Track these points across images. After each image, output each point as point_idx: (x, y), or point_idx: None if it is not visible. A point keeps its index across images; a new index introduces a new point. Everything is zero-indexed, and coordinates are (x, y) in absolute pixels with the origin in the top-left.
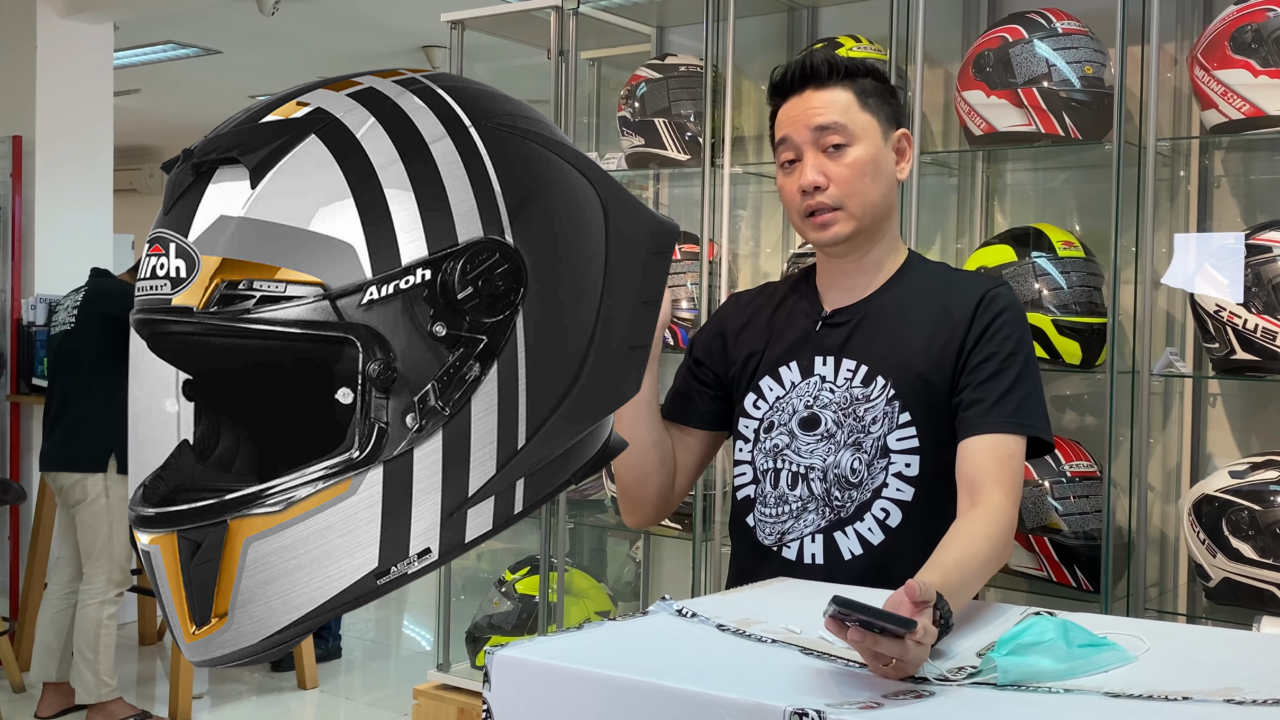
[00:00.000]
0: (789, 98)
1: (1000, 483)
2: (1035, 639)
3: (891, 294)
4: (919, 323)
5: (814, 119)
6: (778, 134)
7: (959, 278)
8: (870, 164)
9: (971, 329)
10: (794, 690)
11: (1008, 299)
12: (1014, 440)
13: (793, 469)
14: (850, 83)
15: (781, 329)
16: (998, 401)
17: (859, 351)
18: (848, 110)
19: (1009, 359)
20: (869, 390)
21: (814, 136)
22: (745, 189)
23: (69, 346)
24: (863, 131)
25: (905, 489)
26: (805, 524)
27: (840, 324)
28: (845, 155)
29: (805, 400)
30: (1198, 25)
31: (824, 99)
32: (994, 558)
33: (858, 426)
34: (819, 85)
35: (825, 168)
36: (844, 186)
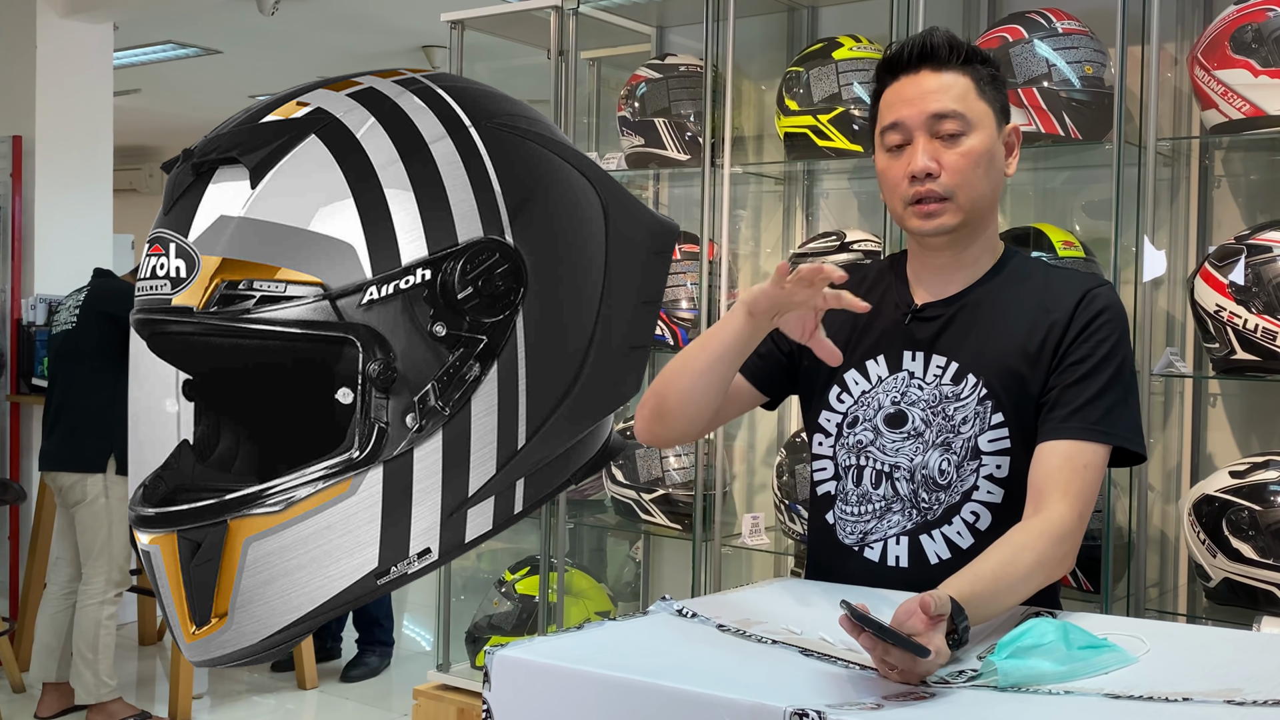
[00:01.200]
0: (900, 76)
1: (1068, 493)
2: (1035, 641)
3: (987, 289)
4: (1015, 320)
5: (931, 104)
6: (886, 115)
7: (1058, 275)
8: (985, 155)
9: (1070, 329)
10: (794, 690)
11: (1108, 299)
12: (1093, 449)
13: (877, 466)
14: (968, 68)
15: (868, 320)
16: (1083, 407)
17: (950, 348)
18: (965, 97)
19: (1102, 363)
20: (959, 389)
21: (929, 122)
22: (745, 189)
23: (70, 346)
24: (979, 120)
25: (995, 491)
26: (890, 525)
27: (931, 318)
28: (960, 144)
29: (892, 396)
30: (1198, 25)
31: (941, 82)
32: (1038, 572)
33: (947, 426)
34: (936, 67)
35: (939, 154)
36: (956, 176)
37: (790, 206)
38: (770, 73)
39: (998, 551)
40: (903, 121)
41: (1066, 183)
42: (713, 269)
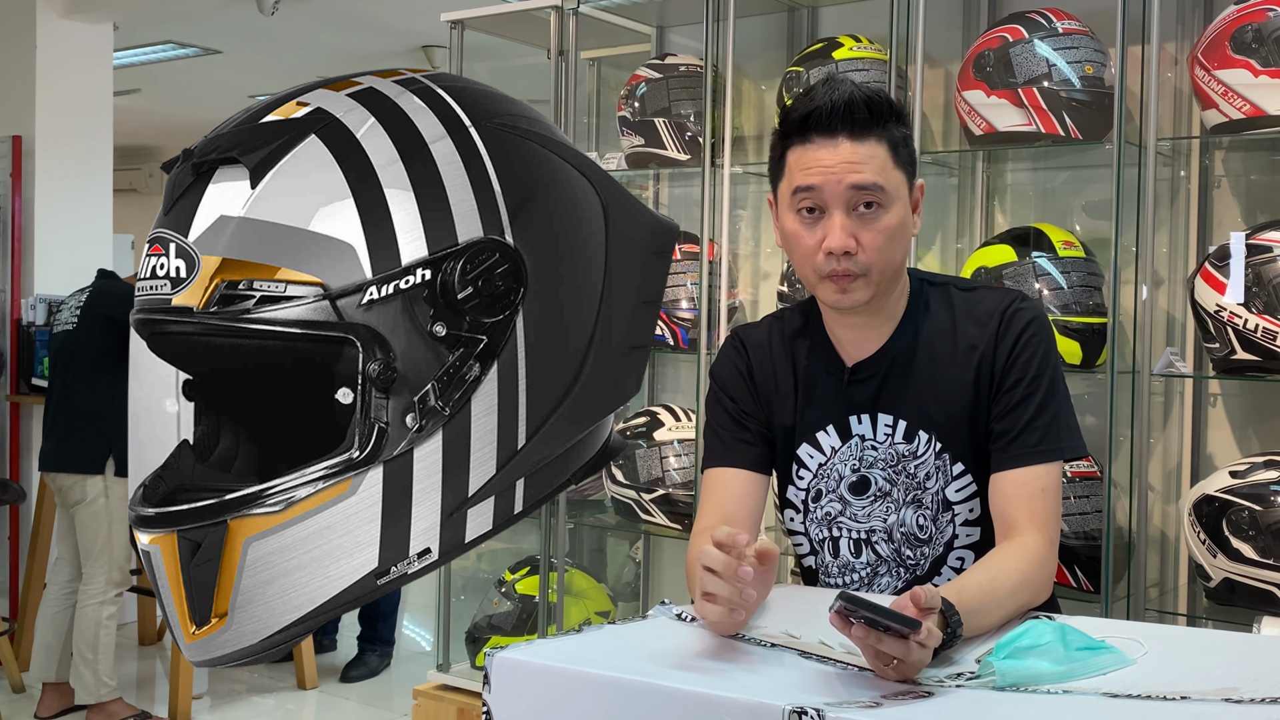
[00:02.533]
0: (813, 139)
1: (1034, 520)
2: (1033, 642)
3: (909, 336)
4: (944, 364)
5: (851, 176)
6: (799, 177)
7: (969, 300)
8: (900, 228)
9: (996, 356)
10: (793, 690)
11: (1028, 314)
12: (1045, 470)
13: (852, 536)
14: (884, 131)
15: (806, 391)
16: (1025, 431)
17: (892, 406)
18: (884, 169)
19: (1034, 381)
20: (914, 446)
21: (847, 195)
22: (745, 189)
23: (70, 347)
24: (895, 192)
25: (973, 532)
26: (881, 588)
27: (866, 378)
28: (879, 219)
29: (850, 464)
30: (1198, 25)
31: (863, 153)
32: (1023, 590)
33: (912, 483)
34: (854, 133)
35: (857, 232)
36: (874, 254)
37: None
38: (770, 73)
39: (983, 568)
40: (818, 187)
41: (1066, 183)
42: (713, 269)
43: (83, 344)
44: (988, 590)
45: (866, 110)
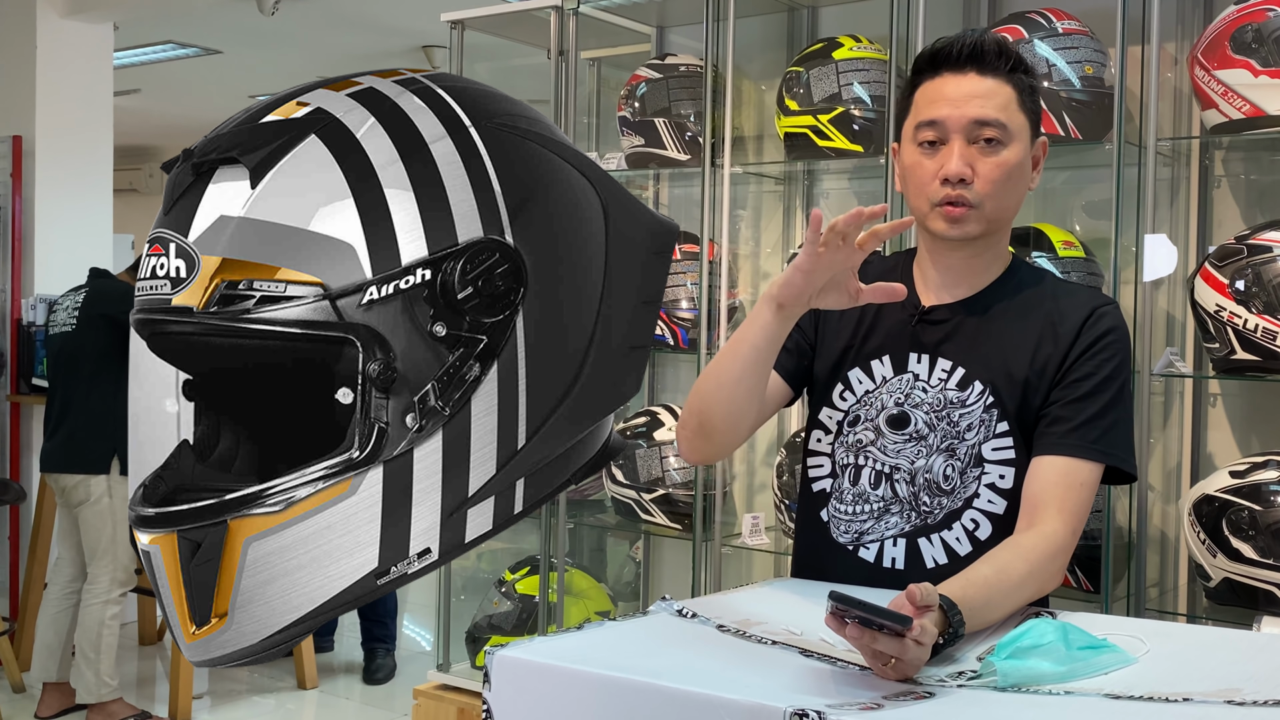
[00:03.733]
0: (942, 72)
1: (1063, 510)
2: (1035, 642)
3: (995, 297)
4: (1022, 332)
5: (974, 109)
6: (925, 110)
7: (1066, 289)
8: (1017, 168)
9: (1075, 345)
10: (794, 691)
11: (1114, 319)
12: (1090, 468)
13: (876, 467)
14: (1013, 77)
15: (874, 319)
16: (1083, 425)
17: (956, 353)
18: (1008, 106)
19: (1105, 382)
20: (965, 395)
21: (969, 127)
22: (745, 189)
23: (69, 348)
24: (1017, 132)
25: (998, 501)
26: (887, 526)
27: (939, 322)
28: (998, 154)
29: (896, 397)
30: (1198, 25)
31: (987, 87)
32: (1030, 583)
33: (952, 431)
34: (983, 70)
35: (974, 161)
36: (988, 186)
37: (790, 206)
38: (770, 73)
39: (991, 560)
40: (942, 120)
41: (1066, 183)
42: (713, 269)
43: (83, 344)
44: (994, 584)
45: (997, 51)
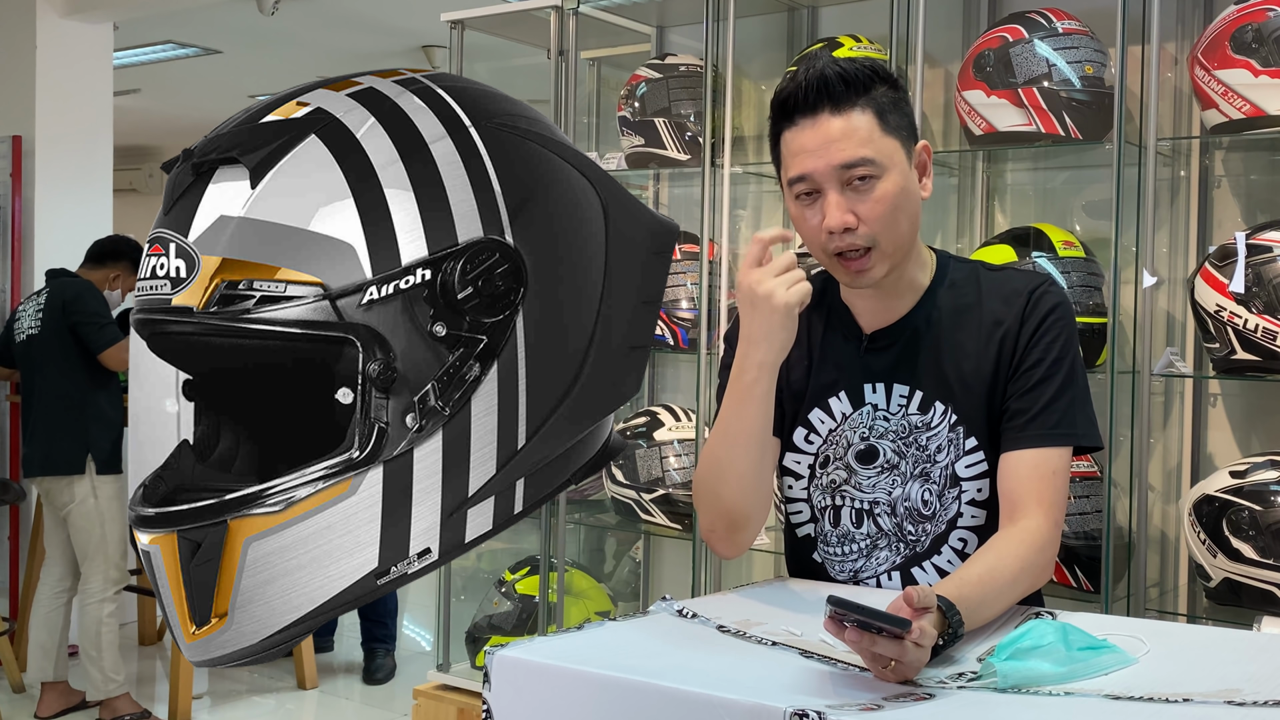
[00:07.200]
0: (797, 120)
1: (1042, 502)
2: (1035, 643)
3: (932, 307)
4: (967, 338)
5: (836, 155)
6: (791, 168)
7: (997, 279)
8: (901, 194)
9: (1021, 334)
10: (794, 691)
11: (1054, 297)
12: (1058, 453)
13: (855, 505)
14: (868, 99)
15: (821, 353)
16: (1042, 412)
17: (909, 375)
18: (872, 138)
19: (1055, 364)
20: (928, 417)
21: (837, 173)
22: (745, 189)
23: (37, 352)
24: (889, 159)
25: (979, 514)
26: (879, 561)
27: (885, 346)
28: (874, 190)
29: (860, 432)
30: (1198, 25)
31: (843, 127)
32: (1024, 578)
33: (922, 456)
34: (836, 107)
35: (853, 206)
36: (875, 225)
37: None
38: (770, 73)
39: (982, 558)
40: (810, 174)
41: (1066, 183)
42: (713, 269)
43: (48, 348)
44: (987, 582)
45: (842, 83)
